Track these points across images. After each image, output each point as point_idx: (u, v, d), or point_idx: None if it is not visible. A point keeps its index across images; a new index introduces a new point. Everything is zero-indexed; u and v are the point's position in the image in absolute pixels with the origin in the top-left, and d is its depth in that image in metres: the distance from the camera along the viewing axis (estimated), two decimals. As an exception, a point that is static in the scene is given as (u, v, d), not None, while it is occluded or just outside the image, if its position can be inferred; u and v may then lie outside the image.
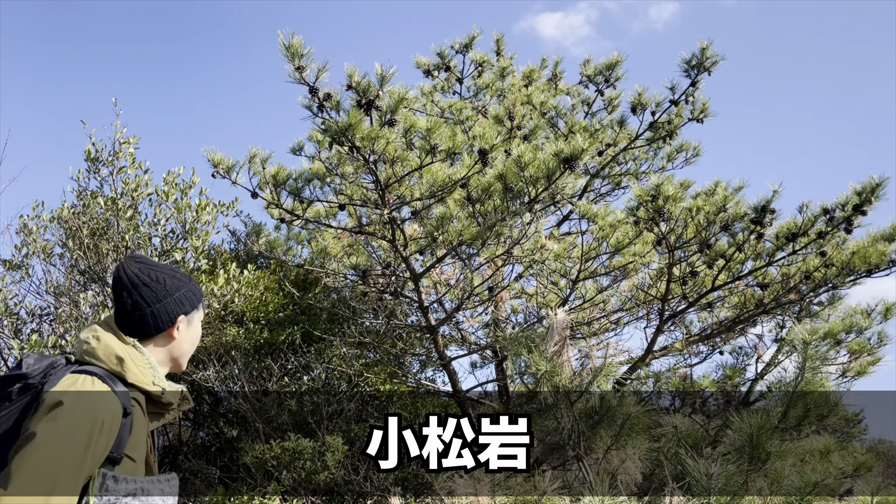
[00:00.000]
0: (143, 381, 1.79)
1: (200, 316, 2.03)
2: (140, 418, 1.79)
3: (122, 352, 1.79)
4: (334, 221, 6.61)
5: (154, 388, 1.81)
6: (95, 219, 6.62)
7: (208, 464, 7.02)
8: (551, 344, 5.28)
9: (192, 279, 2.01)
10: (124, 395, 1.73)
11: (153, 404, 1.86)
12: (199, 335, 2.04)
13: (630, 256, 6.42)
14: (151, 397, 1.83)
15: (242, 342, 6.98)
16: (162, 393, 1.83)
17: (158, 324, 1.89)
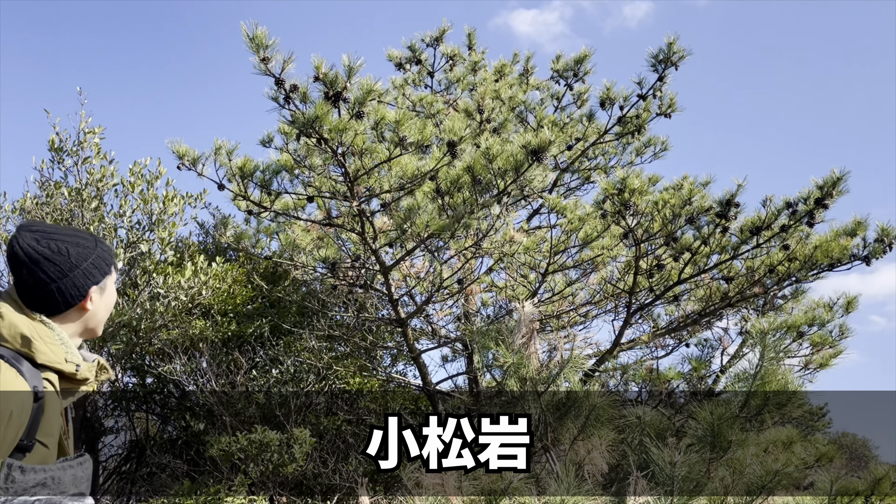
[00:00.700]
0: (55, 361, 1.66)
1: (113, 278, 1.87)
2: (53, 400, 1.66)
3: (28, 330, 1.65)
4: (303, 214, 6.58)
5: (67, 366, 1.69)
6: (59, 210, 6.51)
7: (175, 458, 6.95)
8: (519, 336, 5.31)
9: (98, 241, 1.84)
10: (34, 378, 1.61)
11: (67, 381, 1.73)
12: (113, 299, 1.88)
13: (598, 250, 6.47)
14: (65, 375, 1.71)
15: (210, 335, 6.92)
16: (77, 370, 1.71)
17: (67, 299, 1.73)
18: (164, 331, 6.87)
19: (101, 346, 6.61)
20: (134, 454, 7.91)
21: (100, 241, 1.84)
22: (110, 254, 1.85)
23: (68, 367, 1.69)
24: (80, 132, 6.61)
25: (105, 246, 1.84)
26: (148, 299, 6.54)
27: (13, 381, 1.57)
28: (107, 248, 1.85)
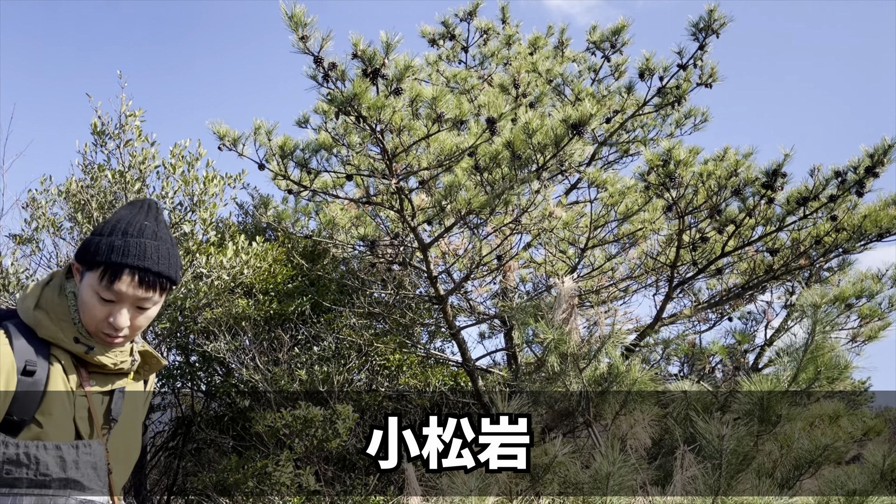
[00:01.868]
0: (57, 337, 1.54)
1: (96, 285, 1.54)
2: (59, 378, 1.52)
3: (40, 302, 1.56)
4: (342, 192, 6.60)
5: (75, 347, 1.55)
6: (103, 192, 6.62)
7: (221, 434, 7.11)
8: (559, 312, 5.29)
9: (132, 233, 1.56)
10: (25, 351, 1.50)
11: (93, 364, 1.59)
12: (89, 302, 1.55)
13: (639, 224, 6.39)
14: (79, 356, 1.57)
15: (252, 313, 7.03)
16: (86, 352, 1.55)
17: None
18: (207, 310, 6.99)
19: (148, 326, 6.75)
20: (181, 430, 8.10)
21: (131, 235, 1.56)
22: (113, 254, 1.53)
23: (76, 347, 1.55)
24: (121, 115, 6.69)
25: (126, 242, 1.55)
26: (191, 279, 6.65)
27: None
28: (127, 245, 1.54)
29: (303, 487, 5.61)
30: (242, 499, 5.72)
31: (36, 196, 6.65)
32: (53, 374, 1.52)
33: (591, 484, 4.08)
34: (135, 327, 1.59)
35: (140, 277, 1.54)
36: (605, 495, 3.96)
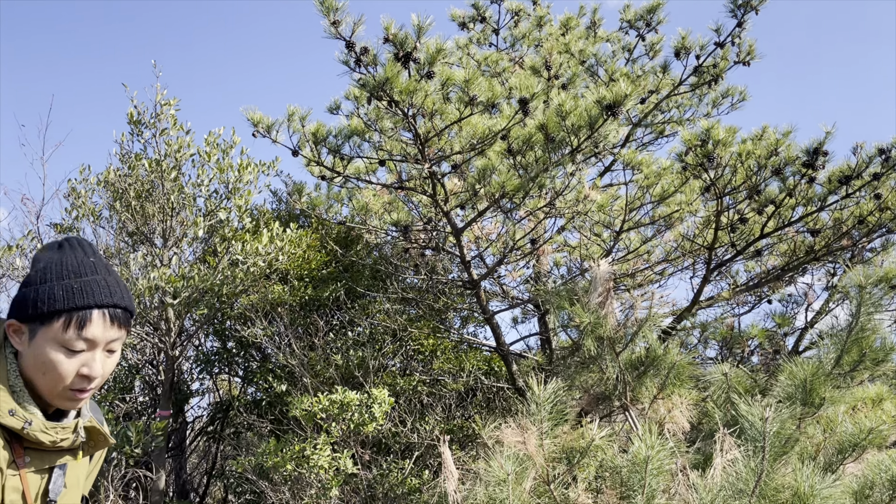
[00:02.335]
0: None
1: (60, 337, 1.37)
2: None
3: None
4: (374, 178, 6.61)
5: (11, 421, 1.34)
6: (140, 181, 6.72)
7: (259, 418, 7.21)
8: (595, 296, 5.25)
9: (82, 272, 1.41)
10: None
11: (29, 441, 1.39)
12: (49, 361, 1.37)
13: (675, 206, 6.29)
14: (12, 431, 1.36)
15: (288, 299, 7.09)
16: (23, 428, 1.34)
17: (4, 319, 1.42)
18: (244, 296, 7.08)
19: (186, 313, 6.87)
20: (219, 415, 8.24)
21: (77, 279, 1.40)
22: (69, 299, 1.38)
23: (11, 421, 1.33)
24: (156, 104, 6.79)
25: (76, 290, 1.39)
26: (228, 265, 6.73)
27: None
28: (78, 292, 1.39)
29: (340, 470, 5.66)
30: (281, 481, 5.80)
31: (76, 185, 6.78)
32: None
33: (628, 468, 4.05)
34: (104, 375, 1.44)
35: (111, 316, 1.41)
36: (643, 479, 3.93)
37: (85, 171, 6.85)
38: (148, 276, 6.26)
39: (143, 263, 6.51)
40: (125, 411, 7.26)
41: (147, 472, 6.46)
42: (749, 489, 3.38)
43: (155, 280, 6.26)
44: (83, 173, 6.84)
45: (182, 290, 6.46)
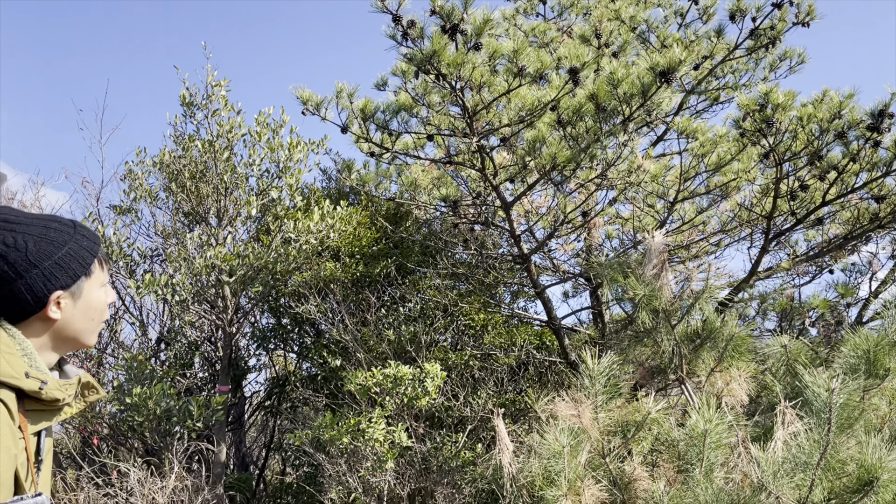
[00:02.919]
0: (10, 375, 1.36)
1: (100, 279, 1.53)
2: (4, 424, 1.36)
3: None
4: (422, 153, 6.60)
5: (28, 383, 1.38)
6: (194, 162, 6.85)
7: (315, 392, 7.35)
8: (649, 268, 5.16)
9: (78, 231, 1.50)
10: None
11: (35, 402, 1.43)
12: (99, 304, 1.53)
13: (732, 174, 6.12)
14: (27, 394, 1.40)
15: (340, 276, 7.18)
16: (40, 388, 1.40)
17: (24, 306, 1.42)
18: (297, 273, 7.19)
19: (241, 290, 7.01)
20: (276, 390, 8.43)
21: (80, 233, 1.50)
22: (91, 248, 1.51)
23: (29, 383, 1.39)
24: (207, 86, 6.88)
25: (86, 238, 1.51)
26: (281, 243, 6.84)
27: None
28: (88, 240, 1.51)
29: (395, 444, 5.74)
30: (337, 454, 5.91)
31: (133, 168, 6.95)
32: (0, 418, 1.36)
33: (686, 441, 3.99)
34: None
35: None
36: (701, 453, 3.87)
37: (141, 154, 7.01)
38: (204, 255, 6.40)
39: (200, 243, 6.65)
40: (186, 387, 7.48)
41: (209, 444, 6.66)
42: (813, 462, 3.30)
43: (211, 259, 6.39)
44: (139, 155, 7.01)
45: (237, 268, 6.59)
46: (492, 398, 6.99)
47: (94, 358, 6.88)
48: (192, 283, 6.49)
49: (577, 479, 4.00)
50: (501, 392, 7.26)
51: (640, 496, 4.15)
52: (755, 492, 3.64)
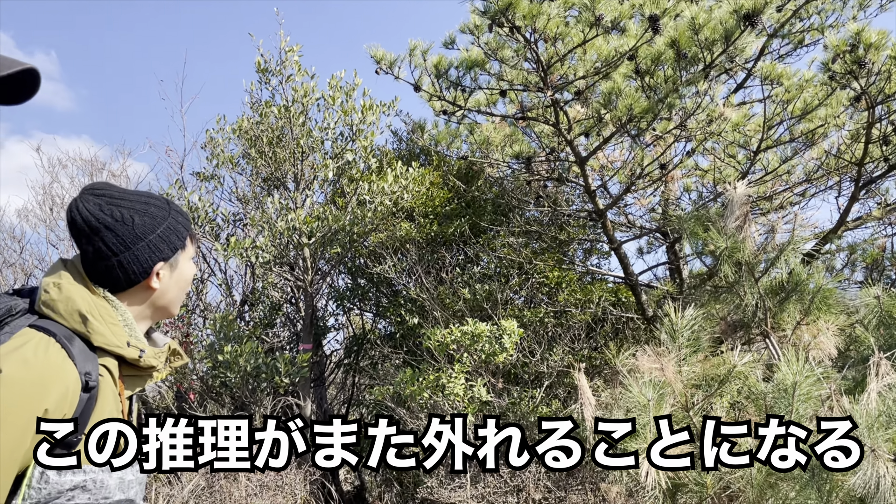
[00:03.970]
0: (115, 344, 1.44)
1: (190, 252, 1.64)
2: (109, 390, 1.44)
3: (87, 307, 1.43)
4: (495, 110, 6.55)
5: (129, 352, 1.47)
6: (271, 128, 7.01)
7: (393, 349, 7.53)
8: (731, 220, 5.03)
9: (172, 208, 1.60)
10: (87, 363, 1.39)
11: (131, 367, 1.52)
12: (188, 276, 1.63)
13: (818, 120, 5.85)
14: (127, 361, 1.49)
15: (415, 236, 7.27)
16: (140, 356, 1.49)
17: (130, 276, 1.50)
18: (373, 234, 7.32)
19: (320, 252, 7.20)
20: (354, 348, 8.67)
21: (174, 210, 1.60)
22: (185, 224, 1.62)
23: (130, 352, 1.47)
24: (280, 52, 7.00)
25: (180, 215, 1.61)
26: (356, 205, 6.96)
27: (60, 366, 1.34)
28: (182, 217, 1.62)
29: (474, 398, 5.85)
30: (418, 409, 6.07)
31: (213, 135, 7.16)
32: (104, 385, 1.43)
33: (773, 394, 3.93)
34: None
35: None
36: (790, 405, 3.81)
37: (221, 121, 7.22)
38: (285, 219, 6.59)
39: (279, 207, 6.84)
40: (269, 346, 7.78)
41: (295, 400, 6.94)
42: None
43: (291, 222, 6.57)
44: (219, 123, 7.22)
45: (316, 230, 6.76)
46: (568, 354, 7.01)
47: (185, 318, 7.22)
48: (274, 246, 6.70)
49: (661, 431, 3.99)
50: (577, 348, 7.27)
51: (726, 448, 4.12)
52: (847, 445, 3.57)
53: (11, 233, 9.48)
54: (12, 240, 9.29)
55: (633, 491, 4.58)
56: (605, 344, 7.69)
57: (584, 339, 7.37)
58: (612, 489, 4.90)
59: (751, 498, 3.75)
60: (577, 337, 7.29)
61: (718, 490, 4.00)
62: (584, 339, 7.37)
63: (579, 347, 7.29)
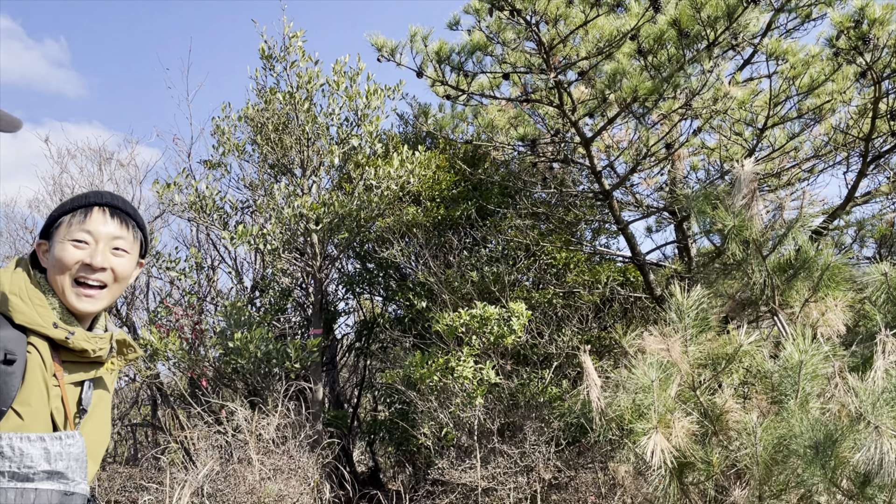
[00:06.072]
0: (38, 324, 1.49)
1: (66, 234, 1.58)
2: (37, 367, 1.48)
3: (10, 287, 1.50)
4: (498, 93, 6.54)
5: (55, 332, 1.50)
6: (277, 114, 7.02)
7: (403, 333, 7.58)
8: (739, 197, 5.01)
9: (77, 196, 1.64)
10: (5, 339, 1.43)
11: (72, 353, 1.55)
12: (63, 257, 1.56)
13: (825, 96, 5.80)
14: (57, 343, 1.52)
15: (422, 220, 7.29)
16: (66, 338, 1.51)
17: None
18: (380, 219, 7.35)
19: (328, 237, 7.24)
20: (365, 332, 8.73)
21: (75, 197, 1.63)
22: (68, 206, 1.61)
23: (57, 333, 1.50)
24: (284, 38, 6.99)
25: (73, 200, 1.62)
26: (363, 191, 6.98)
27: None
28: (71, 201, 1.62)
29: (484, 380, 5.90)
30: (428, 391, 6.13)
31: (220, 123, 7.18)
32: (31, 362, 1.46)
33: (780, 372, 3.95)
34: (116, 274, 1.60)
35: (111, 212, 1.61)
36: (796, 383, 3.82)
37: (226, 109, 7.24)
38: (292, 205, 6.62)
39: (287, 193, 6.88)
40: (280, 332, 7.85)
41: (307, 384, 7.02)
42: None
43: (299, 208, 6.61)
44: (225, 110, 7.23)
45: (323, 216, 6.79)
46: (576, 335, 7.04)
47: (195, 306, 7.30)
48: (282, 233, 6.74)
49: (667, 411, 4.02)
50: (586, 329, 7.29)
51: (733, 427, 4.15)
52: (853, 422, 3.59)
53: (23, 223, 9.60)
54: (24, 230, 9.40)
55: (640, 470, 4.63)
56: (613, 324, 7.71)
57: (592, 320, 7.39)
58: (621, 469, 4.94)
59: (757, 475, 3.78)
60: (586, 318, 7.32)
61: (725, 468, 4.04)
62: (592, 320, 7.39)
63: (588, 328, 7.31)
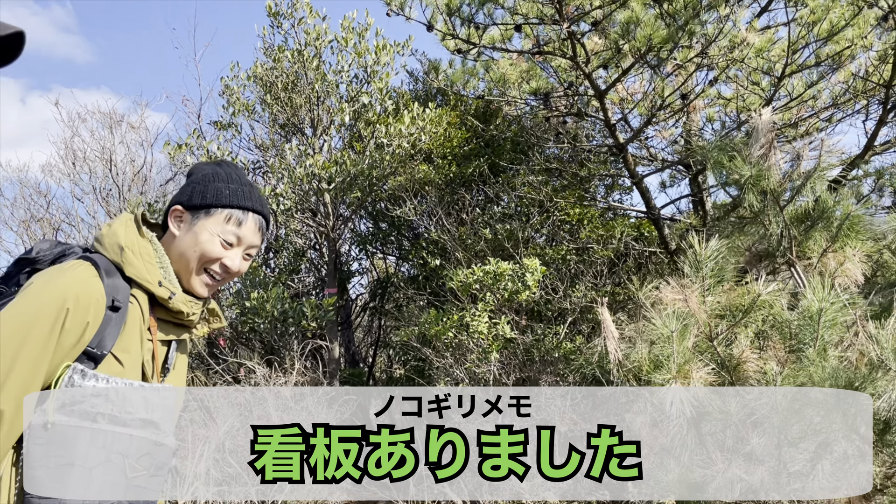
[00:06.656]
0: (145, 278, 1.54)
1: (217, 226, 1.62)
2: (136, 318, 1.53)
3: (126, 241, 1.55)
4: (510, 46, 6.42)
5: (159, 290, 1.55)
6: (286, 73, 6.95)
7: (417, 291, 7.60)
8: (756, 147, 4.94)
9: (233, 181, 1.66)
10: (114, 287, 1.49)
11: (166, 312, 1.60)
12: (203, 242, 1.61)
13: (845, 42, 5.66)
14: (160, 302, 1.57)
15: (434, 178, 7.25)
16: (169, 297, 1.56)
17: (167, 212, 1.66)
18: (392, 177, 7.31)
19: (341, 197, 7.22)
20: (379, 291, 8.77)
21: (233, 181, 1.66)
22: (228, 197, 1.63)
23: (161, 291, 1.56)
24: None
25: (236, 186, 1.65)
26: (374, 149, 6.94)
27: (87, 280, 1.46)
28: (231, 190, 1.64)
29: (499, 336, 5.92)
30: (443, 348, 6.16)
31: (229, 83, 7.12)
32: (132, 313, 1.52)
33: (798, 321, 3.93)
34: (237, 272, 1.67)
35: (260, 223, 1.68)
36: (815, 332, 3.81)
37: (235, 69, 7.16)
38: (304, 165, 6.59)
39: (298, 153, 6.84)
40: (295, 292, 7.89)
41: (323, 342, 7.08)
42: (940, 336, 3.20)
43: (310, 168, 6.58)
44: (233, 70, 7.16)
45: (335, 175, 6.76)
46: (591, 290, 7.03)
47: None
48: (295, 193, 6.72)
49: (685, 362, 4.03)
50: (600, 284, 7.28)
51: (751, 376, 4.15)
52: (873, 370, 3.59)
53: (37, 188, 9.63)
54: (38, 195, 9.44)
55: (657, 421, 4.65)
56: (628, 279, 7.69)
57: (606, 275, 7.37)
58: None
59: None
60: (600, 273, 7.30)
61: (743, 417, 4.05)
62: (606, 275, 7.37)
63: (602, 283, 7.30)
